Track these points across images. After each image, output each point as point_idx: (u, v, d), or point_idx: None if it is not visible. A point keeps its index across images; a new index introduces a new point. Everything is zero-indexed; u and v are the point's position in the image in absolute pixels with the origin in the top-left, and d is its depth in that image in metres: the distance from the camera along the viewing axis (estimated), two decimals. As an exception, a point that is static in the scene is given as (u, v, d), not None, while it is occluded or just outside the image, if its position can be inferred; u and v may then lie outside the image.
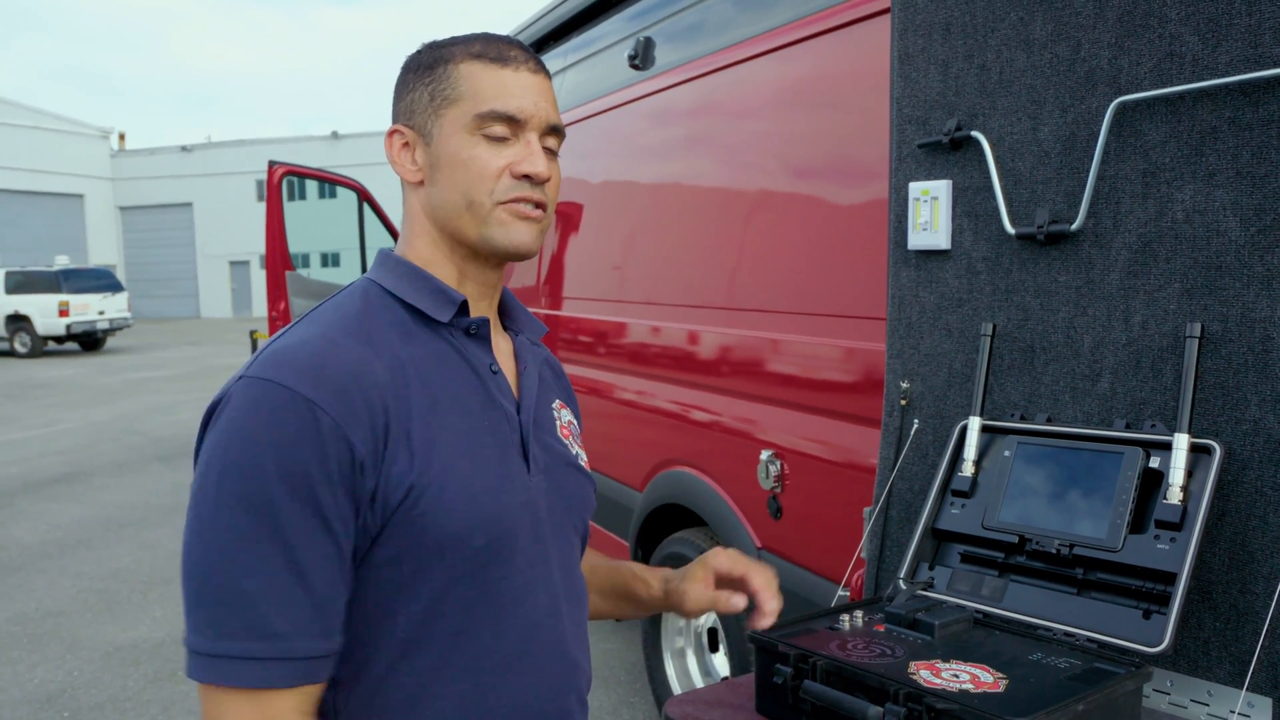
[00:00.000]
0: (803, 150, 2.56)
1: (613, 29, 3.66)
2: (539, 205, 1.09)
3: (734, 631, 2.89)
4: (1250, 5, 1.28)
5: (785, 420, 2.58)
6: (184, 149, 40.07)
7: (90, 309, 20.55)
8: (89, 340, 21.26)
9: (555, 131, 1.11)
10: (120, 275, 35.92)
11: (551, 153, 1.12)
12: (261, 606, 0.93)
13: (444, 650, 1.03)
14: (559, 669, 1.12)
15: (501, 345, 1.18)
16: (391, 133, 1.12)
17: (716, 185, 2.97)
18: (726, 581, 1.30)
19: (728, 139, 2.89)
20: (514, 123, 1.07)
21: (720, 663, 3.21)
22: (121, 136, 41.45)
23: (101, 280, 21.33)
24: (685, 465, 3.06)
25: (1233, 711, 1.28)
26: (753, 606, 1.27)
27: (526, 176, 1.07)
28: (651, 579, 1.34)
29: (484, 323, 1.12)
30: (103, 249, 38.89)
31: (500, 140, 1.07)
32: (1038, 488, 1.49)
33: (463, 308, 1.10)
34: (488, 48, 1.09)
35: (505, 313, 1.22)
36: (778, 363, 2.62)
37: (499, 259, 1.12)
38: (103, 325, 20.97)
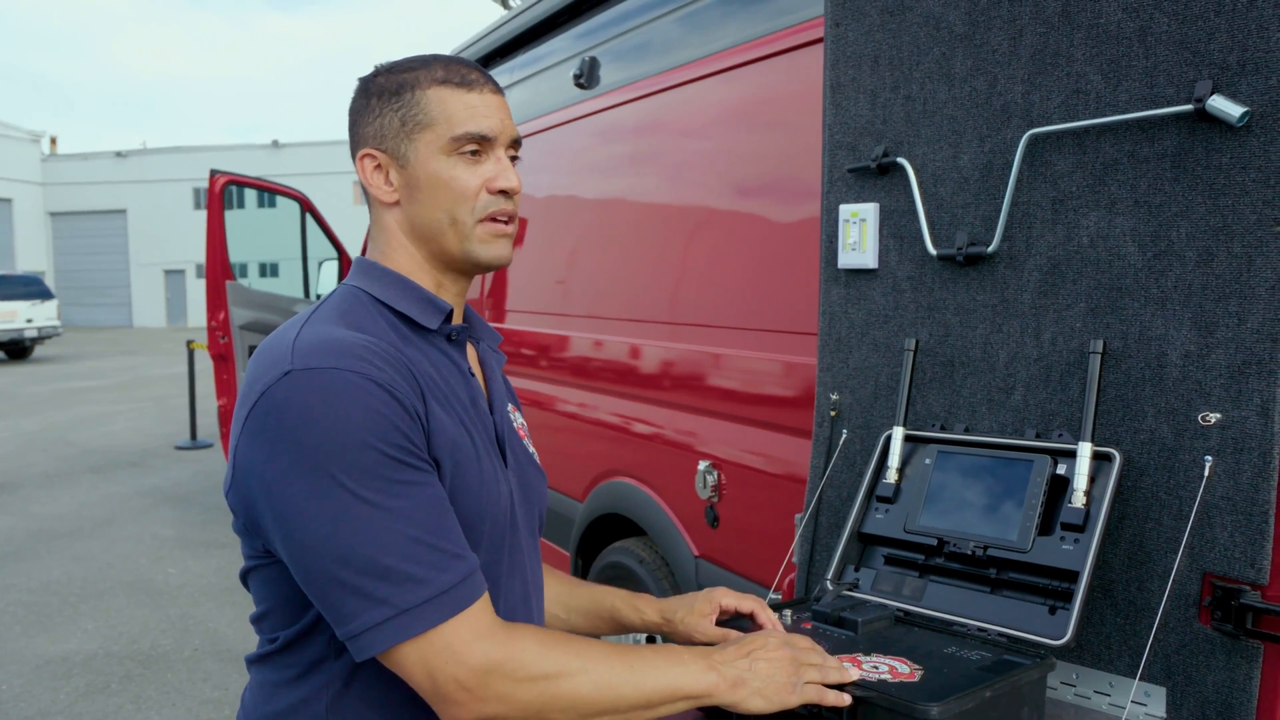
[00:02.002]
0: (743, 170, 2.65)
1: (559, 47, 3.73)
2: (510, 218, 1.20)
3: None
4: (1147, 50, 1.39)
5: (723, 432, 2.65)
6: (119, 155, 39.20)
7: (17, 316, 20.00)
8: (16, 348, 20.69)
9: (516, 143, 1.22)
10: (50, 282, 34.98)
11: (514, 159, 1.22)
12: (409, 565, 0.99)
13: None
14: None
15: (469, 352, 1.27)
16: (363, 156, 1.20)
17: (658, 202, 3.05)
18: (731, 617, 1.43)
19: (670, 158, 2.98)
20: (485, 141, 1.17)
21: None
22: (53, 140, 40.46)
23: (29, 287, 20.77)
24: (625, 476, 3.12)
25: (1130, 701, 1.38)
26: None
27: (502, 192, 1.18)
28: (645, 607, 1.44)
29: (464, 330, 1.22)
30: (31, 255, 37.85)
31: (473, 158, 1.17)
32: (956, 493, 1.58)
33: (448, 316, 1.19)
34: (450, 73, 1.17)
35: (466, 321, 1.30)
36: (717, 376, 2.70)
37: (478, 271, 1.21)
38: (30, 333, 20.42)
